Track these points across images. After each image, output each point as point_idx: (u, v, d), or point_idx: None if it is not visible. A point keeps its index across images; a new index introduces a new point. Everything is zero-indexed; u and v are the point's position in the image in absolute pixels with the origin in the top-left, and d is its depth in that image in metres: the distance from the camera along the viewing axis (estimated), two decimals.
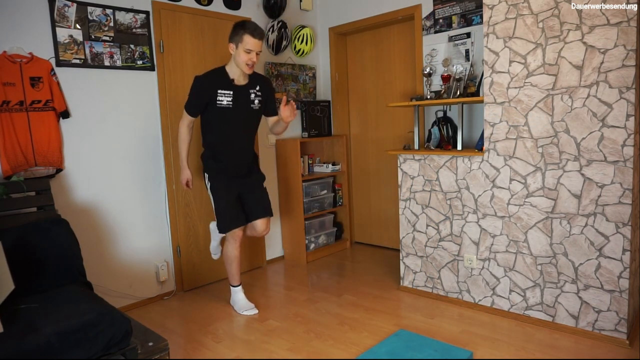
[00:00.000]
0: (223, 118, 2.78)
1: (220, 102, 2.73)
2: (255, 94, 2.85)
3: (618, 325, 2.41)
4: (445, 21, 3.48)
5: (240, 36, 2.64)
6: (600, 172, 2.39)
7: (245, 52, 2.64)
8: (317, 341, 2.60)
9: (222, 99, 2.73)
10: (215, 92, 2.72)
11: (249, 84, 2.82)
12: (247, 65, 2.68)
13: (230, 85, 2.75)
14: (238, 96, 2.78)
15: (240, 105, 2.80)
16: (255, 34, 2.63)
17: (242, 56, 2.66)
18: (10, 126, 2.57)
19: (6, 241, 2.07)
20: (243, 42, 2.63)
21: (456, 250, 2.98)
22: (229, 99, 2.74)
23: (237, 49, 2.67)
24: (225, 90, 2.74)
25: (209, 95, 2.72)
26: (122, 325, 1.81)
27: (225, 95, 2.73)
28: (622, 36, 2.25)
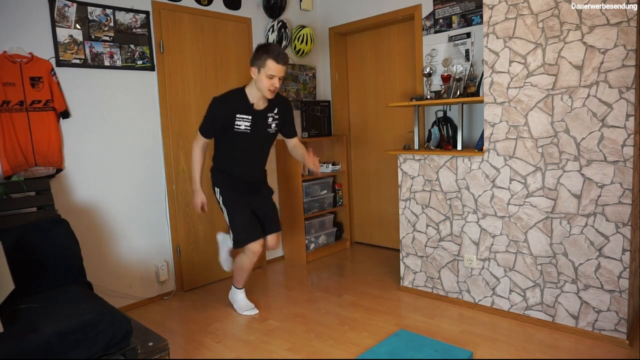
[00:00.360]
0: (239, 142, 2.70)
1: (238, 127, 2.64)
2: (273, 117, 2.76)
3: (618, 325, 2.41)
4: (445, 21, 3.48)
5: (264, 61, 2.52)
6: (600, 172, 2.39)
7: (268, 77, 2.54)
8: (317, 341, 2.60)
9: (240, 124, 2.64)
10: (234, 116, 2.62)
11: (268, 107, 2.73)
12: (269, 90, 2.58)
13: (249, 109, 2.65)
14: (257, 121, 2.69)
15: (257, 131, 2.71)
16: (279, 60, 2.52)
17: (264, 82, 2.55)
18: (10, 126, 2.57)
19: (6, 241, 2.07)
20: (266, 67, 2.52)
21: (456, 250, 2.98)
22: (247, 124, 2.65)
23: (260, 73, 2.56)
24: (244, 115, 2.64)
25: (226, 120, 2.63)
26: (122, 325, 1.81)
27: (243, 120, 2.63)
28: (622, 36, 2.25)
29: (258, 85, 2.59)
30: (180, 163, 3.40)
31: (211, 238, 3.62)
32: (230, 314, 3.02)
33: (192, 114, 3.45)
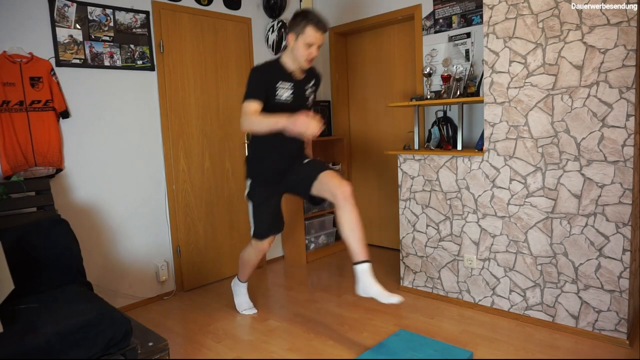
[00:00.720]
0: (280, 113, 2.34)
1: (279, 97, 2.42)
2: (311, 89, 2.60)
3: (618, 325, 2.41)
4: (445, 21, 3.48)
5: (302, 27, 2.35)
6: (600, 172, 2.39)
7: (306, 45, 2.36)
8: (317, 341, 2.60)
9: (282, 93, 2.43)
10: (275, 84, 2.41)
11: (306, 78, 2.56)
12: (306, 60, 2.40)
13: (289, 77, 2.47)
14: (297, 90, 2.50)
15: (298, 101, 2.51)
16: (319, 26, 2.35)
17: (301, 50, 2.37)
18: (10, 126, 2.57)
19: (6, 241, 2.07)
20: (304, 35, 2.34)
21: (456, 250, 2.98)
22: (288, 94, 2.45)
23: (297, 41, 2.38)
24: (285, 82, 2.45)
25: (268, 86, 2.39)
26: (122, 325, 1.80)
27: (284, 89, 2.43)
28: (622, 36, 2.25)
29: (295, 54, 2.41)
30: (180, 163, 3.40)
31: (211, 238, 3.63)
32: (230, 313, 3.02)
33: (192, 114, 3.45)
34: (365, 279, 2.30)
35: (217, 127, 3.62)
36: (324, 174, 2.43)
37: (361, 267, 2.31)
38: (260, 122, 2.27)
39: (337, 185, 2.34)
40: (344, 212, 2.32)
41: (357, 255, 2.32)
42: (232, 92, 3.71)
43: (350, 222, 2.32)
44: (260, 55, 3.90)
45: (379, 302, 2.27)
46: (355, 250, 2.32)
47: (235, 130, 3.74)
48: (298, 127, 2.10)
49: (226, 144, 3.69)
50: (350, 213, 2.31)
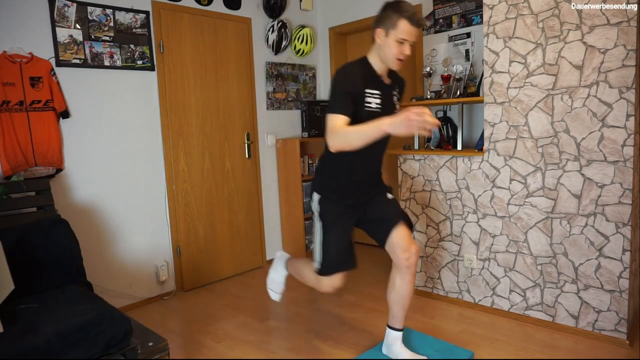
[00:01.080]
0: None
1: (369, 105, 2.01)
2: (396, 96, 2.19)
3: (618, 325, 2.41)
4: (445, 21, 3.48)
5: (395, 20, 1.95)
6: (600, 172, 2.39)
7: (398, 42, 1.96)
8: (317, 341, 2.60)
9: (371, 101, 2.02)
10: (364, 89, 2.01)
11: (392, 83, 2.16)
12: (397, 60, 2.00)
13: (379, 82, 2.07)
14: (386, 98, 2.09)
15: (387, 110, 2.06)
16: (414, 20, 1.94)
17: (392, 48, 1.98)
18: (10, 126, 2.57)
19: (6, 241, 2.07)
20: (397, 29, 1.95)
21: (456, 250, 2.98)
22: (377, 101, 2.04)
23: (387, 37, 1.98)
24: (374, 89, 2.04)
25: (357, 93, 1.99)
26: (122, 326, 1.80)
27: (373, 96, 2.03)
28: (622, 36, 2.25)
29: (383, 53, 2.02)
30: (180, 163, 3.40)
31: (211, 238, 3.63)
32: (231, 314, 3.02)
33: (192, 114, 3.45)
34: (396, 345, 2.30)
35: (217, 127, 3.62)
36: (400, 228, 2.17)
37: (396, 333, 2.30)
38: (358, 134, 1.81)
39: (406, 248, 2.15)
40: (403, 280, 2.20)
41: (396, 322, 2.29)
42: (232, 92, 3.71)
43: (404, 291, 2.21)
44: (260, 55, 3.90)
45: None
46: (397, 315, 2.27)
47: (235, 130, 3.75)
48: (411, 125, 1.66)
49: (226, 144, 3.69)
50: (409, 283, 2.20)
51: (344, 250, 2.16)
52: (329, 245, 2.14)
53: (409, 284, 2.20)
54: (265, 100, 3.98)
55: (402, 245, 2.15)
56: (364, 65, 2.07)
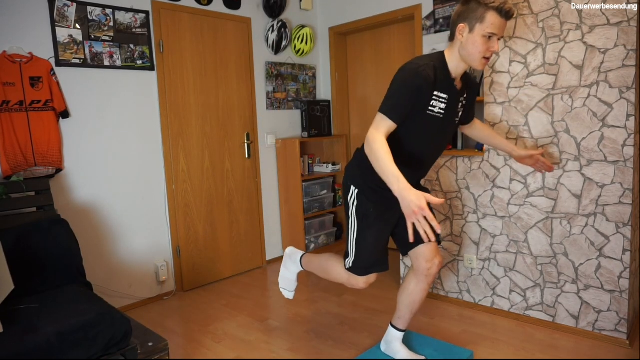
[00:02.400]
0: (423, 129, 1.91)
1: (432, 109, 1.86)
2: (462, 102, 2.03)
3: (618, 325, 2.41)
4: (446, 21, 3.48)
5: (481, 13, 1.74)
6: (600, 172, 2.38)
7: (485, 38, 1.75)
8: (317, 341, 2.60)
9: (436, 105, 1.86)
10: (432, 92, 1.84)
11: (462, 88, 1.99)
12: (483, 59, 1.80)
13: (450, 87, 1.90)
14: (452, 103, 1.93)
15: (449, 116, 1.95)
16: (503, 11, 1.72)
17: (478, 45, 1.76)
18: (10, 126, 2.57)
19: (6, 241, 2.07)
20: (484, 23, 1.73)
21: (456, 250, 2.98)
22: (442, 106, 1.88)
23: (472, 32, 1.77)
24: (443, 93, 1.87)
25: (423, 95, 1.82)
26: (122, 326, 1.80)
27: (440, 101, 1.87)
28: (622, 36, 2.25)
29: (467, 51, 1.80)
30: (180, 163, 3.40)
31: (211, 238, 3.63)
32: (231, 314, 3.02)
33: (192, 114, 3.45)
34: (395, 344, 2.30)
35: (217, 127, 3.62)
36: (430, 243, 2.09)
37: (398, 333, 2.29)
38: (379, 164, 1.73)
39: (430, 259, 2.10)
40: (418, 286, 2.16)
41: (401, 323, 2.27)
42: (232, 92, 3.71)
43: (417, 296, 2.18)
44: (260, 55, 3.90)
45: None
46: (403, 317, 2.25)
47: (235, 130, 3.74)
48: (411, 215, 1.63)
49: (226, 144, 3.69)
50: (423, 291, 2.17)
51: (380, 251, 2.09)
52: (365, 244, 2.05)
53: (423, 292, 2.17)
54: (265, 100, 3.98)
55: (427, 256, 2.09)
56: (441, 64, 1.87)
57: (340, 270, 2.19)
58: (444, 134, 2.02)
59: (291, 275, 2.53)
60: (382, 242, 2.09)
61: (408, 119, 1.84)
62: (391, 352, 2.30)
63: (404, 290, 2.21)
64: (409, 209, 1.63)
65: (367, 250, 2.06)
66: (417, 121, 1.86)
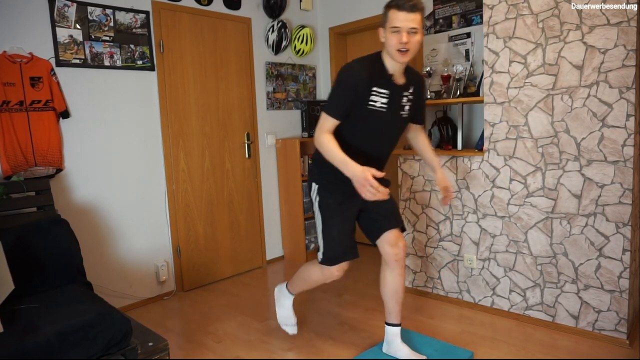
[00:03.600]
0: (368, 124, 2.07)
1: (373, 103, 2.03)
2: (408, 97, 2.15)
3: (618, 325, 2.41)
4: (445, 21, 3.48)
5: (386, 14, 2.00)
6: (600, 172, 2.39)
7: (393, 32, 1.95)
8: (317, 341, 2.60)
9: (376, 100, 2.03)
10: (370, 89, 2.01)
11: (405, 84, 2.12)
12: (397, 51, 1.96)
13: (388, 82, 2.05)
14: (394, 98, 2.07)
15: (393, 110, 2.09)
16: (403, 4, 1.92)
17: (390, 39, 1.97)
18: (10, 126, 2.57)
19: (6, 241, 2.07)
20: (389, 20, 1.97)
21: (456, 250, 2.98)
22: (383, 101, 2.04)
23: (385, 31, 2.01)
24: (382, 88, 2.03)
25: (363, 93, 2.00)
26: (122, 326, 1.80)
27: (380, 95, 2.03)
28: (622, 36, 2.25)
29: (387, 48, 2.02)
30: (180, 163, 3.40)
31: (211, 238, 3.63)
32: (230, 314, 3.02)
33: (192, 114, 3.45)
34: (396, 341, 2.32)
35: (217, 127, 3.62)
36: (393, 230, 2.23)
37: (394, 329, 2.32)
38: (330, 155, 1.96)
39: (394, 243, 2.22)
40: (393, 273, 2.27)
41: (393, 317, 2.32)
42: (232, 92, 3.71)
43: (396, 284, 2.27)
44: (260, 55, 3.90)
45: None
46: (392, 311, 2.31)
47: (235, 130, 3.75)
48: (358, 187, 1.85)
49: (226, 144, 3.69)
50: (399, 276, 2.26)
51: (346, 240, 2.18)
52: (332, 235, 2.17)
53: (400, 277, 2.26)
54: (265, 100, 3.98)
55: (390, 241, 2.22)
56: (376, 62, 2.06)
57: (315, 269, 2.31)
58: (392, 127, 2.16)
59: (287, 310, 2.59)
60: (347, 230, 2.20)
61: (352, 115, 2.02)
62: (393, 352, 2.31)
63: (384, 284, 2.30)
64: (358, 183, 1.84)
65: (335, 240, 2.17)
66: (360, 116, 2.03)
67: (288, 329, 2.59)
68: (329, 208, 2.17)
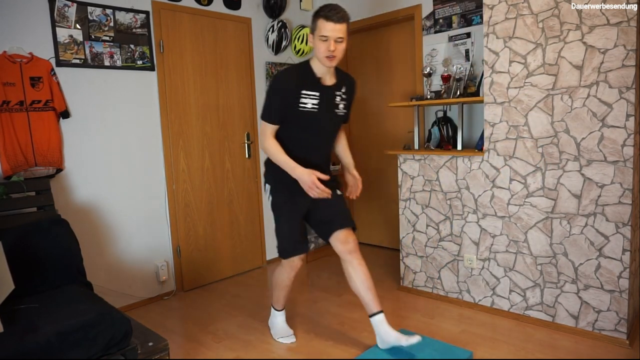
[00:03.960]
0: (303, 124, 2.27)
1: (304, 105, 2.23)
2: (341, 97, 2.36)
3: (618, 325, 2.41)
4: (445, 21, 3.48)
5: (315, 22, 2.18)
6: (600, 172, 2.39)
7: (321, 40, 2.15)
8: (317, 341, 2.60)
9: (307, 102, 2.23)
10: (299, 93, 2.22)
11: (336, 84, 2.33)
12: (326, 57, 2.16)
13: (316, 84, 2.26)
14: (324, 98, 2.28)
15: (325, 110, 2.29)
16: (331, 16, 2.14)
17: (319, 46, 2.16)
18: (10, 126, 2.57)
19: (6, 241, 2.07)
20: (318, 29, 2.16)
21: (456, 250, 2.98)
22: (314, 102, 2.25)
23: (315, 38, 2.19)
24: (311, 91, 2.24)
25: (292, 97, 2.22)
26: (122, 326, 1.80)
27: (310, 97, 2.24)
28: (622, 36, 2.25)
29: (316, 54, 2.21)
30: (180, 163, 3.40)
31: (211, 238, 3.63)
32: (231, 314, 3.02)
33: (192, 114, 3.45)
34: (383, 329, 2.33)
35: (217, 127, 3.62)
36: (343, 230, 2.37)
37: (377, 318, 2.34)
38: (277, 158, 2.25)
39: (344, 241, 2.36)
40: (353, 265, 2.36)
41: (372, 306, 2.34)
42: (232, 92, 3.71)
43: (360, 275, 2.35)
44: (260, 55, 3.90)
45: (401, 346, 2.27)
46: (368, 302, 2.34)
47: (235, 130, 3.75)
48: (309, 190, 2.17)
49: (226, 144, 3.69)
50: (359, 266, 2.35)
51: (296, 235, 2.38)
52: (284, 230, 2.38)
53: (360, 266, 2.37)
54: None
55: (341, 239, 2.37)
56: (304, 68, 2.26)
57: (280, 269, 2.53)
58: (327, 126, 2.36)
59: (280, 324, 2.69)
60: (297, 226, 2.38)
61: (288, 118, 2.24)
62: (386, 338, 2.31)
63: (350, 280, 2.40)
64: (305, 185, 2.17)
65: (286, 235, 2.38)
66: (295, 118, 2.25)
67: (284, 339, 2.63)
68: (280, 207, 2.38)
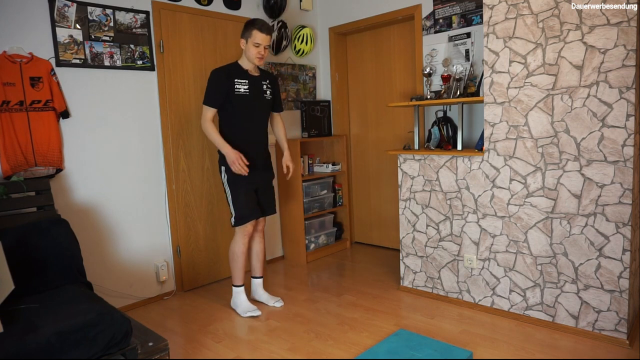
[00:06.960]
0: (241, 106, 2.91)
1: (239, 90, 2.90)
2: (267, 85, 3.06)
3: (618, 325, 2.41)
4: (445, 21, 3.48)
5: (250, 31, 2.86)
6: (600, 172, 2.39)
7: (254, 46, 2.86)
8: (317, 341, 2.60)
9: (240, 87, 2.91)
10: (233, 81, 2.89)
11: (261, 76, 3.04)
12: (257, 58, 2.89)
13: (245, 74, 2.95)
14: (253, 85, 2.96)
15: (256, 93, 2.97)
16: (263, 29, 2.86)
17: (251, 50, 2.87)
18: (10, 126, 2.57)
19: (6, 241, 2.07)
20: (252, 37, 2.85)
21: (456, 250, 2.98)
22: (245, 87, 2.92)
23: (247, 43, 2.89)
24: (242, 79, 2.93)
25: (227, 85, 2.86)
26: (122, 326, 1.80)
27: (242, 84, 2.92)
28: (622, 36, 2.25)
29: (247, 55, 2.91)
30: (180, 163, 3.40)
31: (211, 238, 3.63)
32: (230, 313, 3.02)
33: (192, 114, 3.45)
34: (259, 290, 3.20)
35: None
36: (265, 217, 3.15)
37: (257, 280, 3.20)
38: (211, 136, 2.88)
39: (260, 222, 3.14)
40: (255, 241, 3.16)
41: (257, 272, 3.21)
42: None
43: (258, 248, 3.17)
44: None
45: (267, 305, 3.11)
46: (257, 268, 3.20)
47: None
48: (230, 164, 2.83)
49: None
50: (260, 243, 3.18)
51: (251, 203, 2.96)
52: (240, 201, 2.92)
53: (260, 243, 3.17)
54: None
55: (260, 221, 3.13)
56: (234, 65, 2.96)
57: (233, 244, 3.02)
58: (259, 107, 3.01)
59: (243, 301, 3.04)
60: (251, 196, 2.96)
61: (228, 104, 2.89)
62: (257, 297, 3.18)
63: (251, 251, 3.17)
64: (230, 160, 2.82)
65: (242, 204, 2.93)
66: (233, 101, 2.89)
67: (253, 313, 2.97)
68: (235, 181, 2.91)
